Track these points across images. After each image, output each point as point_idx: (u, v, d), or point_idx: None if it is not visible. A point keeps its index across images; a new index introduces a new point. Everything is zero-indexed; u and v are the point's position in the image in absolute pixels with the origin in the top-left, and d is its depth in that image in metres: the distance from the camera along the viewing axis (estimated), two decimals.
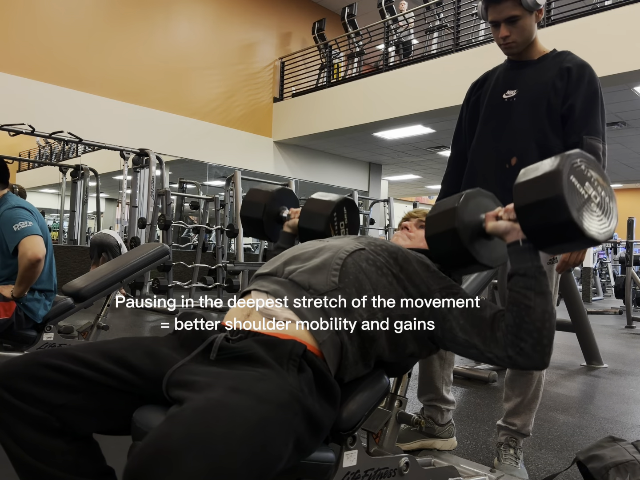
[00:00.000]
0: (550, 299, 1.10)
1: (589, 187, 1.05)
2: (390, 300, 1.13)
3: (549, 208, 1.02)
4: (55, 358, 0.93)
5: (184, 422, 0.74)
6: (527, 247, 1.10)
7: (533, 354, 1.07)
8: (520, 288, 1.09)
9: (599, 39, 5.68)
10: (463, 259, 1.19)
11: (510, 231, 1.12)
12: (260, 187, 1.71)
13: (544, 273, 1.10)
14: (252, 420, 0.77)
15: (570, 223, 1.00)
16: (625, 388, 3.20)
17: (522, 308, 1.08)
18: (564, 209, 0.99)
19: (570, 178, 1.02)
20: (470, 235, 1.17)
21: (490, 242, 1.21)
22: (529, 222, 1.07)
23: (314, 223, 1.53)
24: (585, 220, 1.01)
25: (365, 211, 10.45)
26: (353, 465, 1.10)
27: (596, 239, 1.03)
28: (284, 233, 1.62)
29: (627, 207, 14.78)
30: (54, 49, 7.26)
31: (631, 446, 1.50)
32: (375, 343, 1.10)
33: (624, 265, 6.79)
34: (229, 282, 5.94)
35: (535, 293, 1.08)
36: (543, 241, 1.08)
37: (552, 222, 1.02)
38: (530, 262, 1.09)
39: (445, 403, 1.89)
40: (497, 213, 1.17)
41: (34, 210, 2.30)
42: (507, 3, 1.63)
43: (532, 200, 1.04)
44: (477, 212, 1.20)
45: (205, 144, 8.84)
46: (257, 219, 1.64)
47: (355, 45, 9.33)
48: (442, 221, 1.20)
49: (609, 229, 1.07)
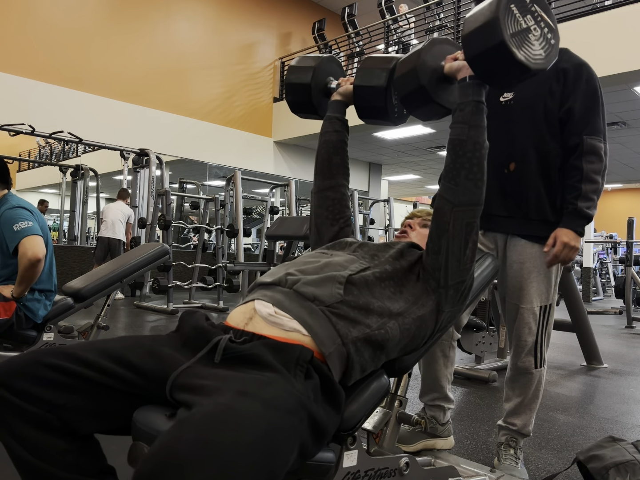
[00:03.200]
0: (483, 132, 1.18)
1: (530, 19, 1.13)
2: (400, 308, 1.13)
3: (485, 31, 1.11)
4: (56, 357, 0.93)
5: (194, 427, 0.73)
6: (472, 83, 1.19)
7: (466, 182, 1.16)
8: (457, 123, 1.18)
9: (599, 39, 5.68)
10: (421, 97, 1.28)
11: (461, 68, 1.21)
12: (307, 56, 1.57)
13: (482, 109, 1.19)
14: (261, 427, 0.77)
15: (502, 44, 1.08)
16: (625, 388, 3.20)
17: (456, 144, 1.17)
18: (497, 30, 1.08)
19: (511, 6, 1.11)
20: (430, 74, 1.26)
21: (451, 86, 1.30)
22: (470, 50, 1.15)
23: (375, 78, 1.38)
24: (517, 46, 1.10)
25: (365, 211, 10.46)
26: (353, 465, 1.10)
27: (525, 64, 1.11)
28: (335, 102, 1.48)
29: (627, 207, 14.79)
30: (54, 49, 7.26)
31: (631, 446, 1.50)
32: (385, 349, 1.10)
33: (624, 265, 6.79)
34: (229, 282, 5.94)
35: (469, 126, 1.17)
36: (482, 68, 1.16)
37: (488, 45, 1.10)
38: (471, 97, 1.18)
39: (447, 402, 1.89)
40: (455, 55, 1.25)
41: (34, 210, 2.31)
42: None
43: (474, 27, 1.13)
44: (440, 57, 1.28)
45: (205, 144, 8.85)
46: (305, 84, 1.49)
47: (355, 45, 9.33)
48: (407, 62, 1.29)
49: (543, 60, 1.14)
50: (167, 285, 5.53)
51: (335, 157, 1.47)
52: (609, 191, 15.57)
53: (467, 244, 1.19)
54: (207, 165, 9.25)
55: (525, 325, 1.69)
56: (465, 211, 1.18)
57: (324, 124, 1.49)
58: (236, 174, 6.69)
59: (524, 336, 1.70)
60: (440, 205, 1.21)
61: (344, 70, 1.61)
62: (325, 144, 1.48)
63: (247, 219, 9.53)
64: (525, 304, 1.69)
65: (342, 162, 1.47)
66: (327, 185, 1.46)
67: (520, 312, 1.70)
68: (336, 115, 1.47)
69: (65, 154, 9.49)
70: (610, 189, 15.39)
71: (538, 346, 1.70)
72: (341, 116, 1.48)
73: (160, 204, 6.05)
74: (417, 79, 1.25)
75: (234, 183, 6.69)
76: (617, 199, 15.91)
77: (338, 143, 1.47)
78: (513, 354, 1.74)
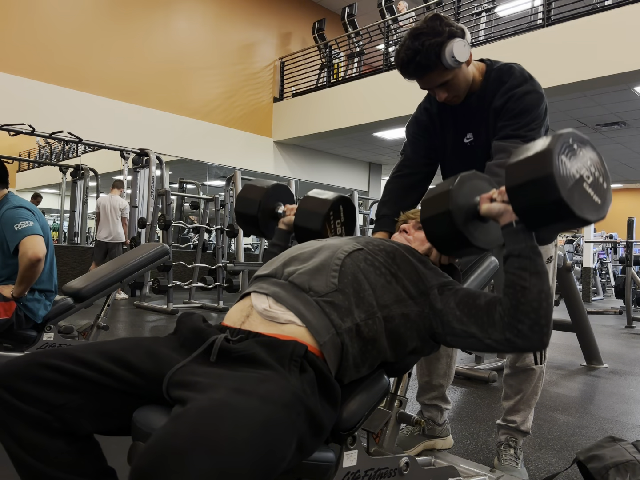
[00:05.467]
0: (546, 278, 1.10)
1: (581, 168, 1.05)
2: (389, 300, 1.13)
3: (539, 187, 1.02)
4: (55, 358, 0.93)
5: (189, 422, 0.74)
6: (521, 228, 1.10)
7: (531, 334, 1.07)
8: (515, 269, 1.09)
9: (599, 39, 5.67)
10: (457, 241, 1.19)
11: (503, 213, 1.12)
12: (255, 183, 1.65)
13: (539, 253, 1.11)
14: (257, 421, 0.77)
15: (561, 202, 1.00)
16: (625, 388, 3.20)
17: (518, 289, 1.08)
18: (554, 188, 0.99)
19: (561, 157, 1.02)
20: (464, 217, 1.17)
21: (485, 225, 1.21)
22: (520, 203, 1.07)
23: (310, 222, 1.49)
24: (575, 200, 1.01)
25: (365, 211, 10.45)
26: (353, 465, 1.10)
27: (587, 219, 1.03)
28: (279, 230, 1.59)
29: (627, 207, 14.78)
30: (54, 49, 7.26)
31: (631, 446, 1.50)
32: (376, 343, 1.10)
33: (624, 265, 6.79)
34: (229, 282, 5.94)
35: (531, 273, 1.08)
36: (535, 221, 1.09)
37: (543, 202, 1.02)
38: (525, 243, 1.10)
39: (445, 402, 1.90)
40: (491, 195, 1.17)
41: (35, 210, 2.31)
42: (431, 74, 1.49)
43: (523, 180, 1.05)
44: (472, 195, 1.20)
45: (205, 144, 8.85)
46: (252, 215, 1.59)
47: (355, 45, 9.33)
48: (437, 204, 1.19)
49: (602, 210, 1.07)
50: (167, 285, 5.53)
51: None
52: None
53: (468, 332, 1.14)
54: (207, 165, 9.25)
55: None
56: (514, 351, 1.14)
57: (267, 248, 1.59)
58: (236, 174, 6.69)
59: None
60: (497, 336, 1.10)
61: (292, 196, 1.70)
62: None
63: None
64: None
65: None
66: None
67: None
68: (279, 243, 1.57)
69: (65, 154, 9.48)
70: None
71: None
72: (284, 244, 1.57)
73: (160, 204, 6.05)
74: (452, 224, 1.16)
75: (234, 183, 6.69)
76: (617, 199, 15.91)
77: None
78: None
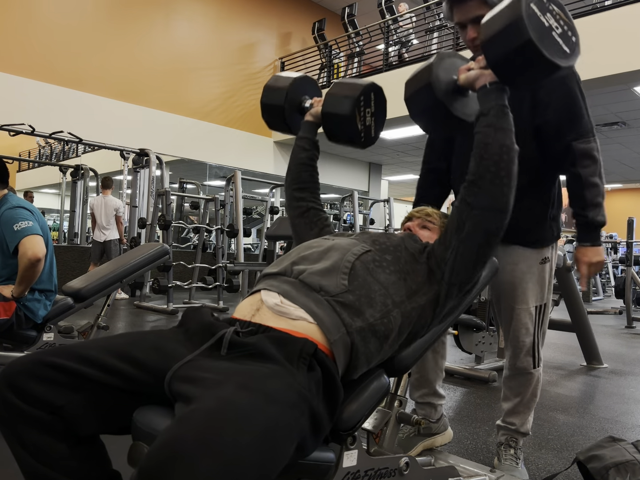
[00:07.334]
0: (511, 135, 1.15)
1: (550, 18, 1.11)
2: (403, 295, 1.13)
3: (510, 31, 1.08)
4: (59, 357, 0.92)
5: (196, 424, 0.74)
6: (493, 88, 1.17)
7: (491, 187, 1.12)
8: (482, 127, 1.16)
9: (599, 39, 5.68)
10: (439, 113, 1.26)
11: (479, 77, 1.19)
12: (282, 74, 1.59)
13: (507, 113, 1.16)
14: (262, 423, 0.77)
15: (530, 43, 1.06)
16: (625, 388, 3.20)
17: (481, 147, 1.14)
18: (524, 29, 1.06)
19: (531, 5, 1.09)
20: (444, 88, 1.24)
21: (465, 98, 1.28)
22: (493, 53, 1.13)
23: (340, 106, 1.42)
24: (545, 44, 1.08)
25: (365, 211, 10.46)
26: (353, 465, 1.10)
27: (556, 63, 1.09)
28: (306, 122, 1.54)
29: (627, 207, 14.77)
30: (54, 49, 7.26)
31: (631, 446, 1.50)
32: (389, 339, 1.10)
33: (624, 265, 6.79)
34: (229, 282, 5.94)
35: (495, 129, 1.14)
36: (508, 71, 1.14)
37: (514, 46, 1.08)
38: (494, 102, 1.16)
39: (438, 398, 1.88)
40: (468, 66, 1.24)
41: (34, 210, 2.30)
42: (472, 3, 1.53)
43: (495, 30, 1.11)
44: (451, 70, 1.27)
45: (205, 144, 8.85)
46: (278, 105, 1.53)
47: (355, 45, 9.33)
48: (419, 79, 1.27)
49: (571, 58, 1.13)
50: (167, 285, 5.53)
51: (305, 173, 1.54)
52: (609, 191, 15.55)
53: (479, 252, 1.16)
54: (207, 165, 9.25)
55: (522, 326, 1.69)
56: (485, 216, 1.14)
57: (295, 142, 1.56)
58: (236, 174, 6.69)
59: (522, 337, 1.70)
60: (460, 206, 1.18)
61: (319, 89, 1.64)
62: (294, 161, 1.55)
63: (247, 219, 9.52)
64: (521, 304, 1.69)
65: (311, 178, 1.55)
66: (298, 196, 1.53)
67: (516, 313, 1.70)
68: (306, 135, 1.53)
69: (65, 154, 9.48)
70: (610, 189, 15.38)
71: (535, 346, 1.71)
72: (311, 136, 1.54)
73: (160, 204, 6.04)
74: (432, 94, 1.23)
75: (234, 183, 6.69)
76: (617, 199, 15.90)
77: (307, 160, 1.54)
78: (511, 354, 1.75)
